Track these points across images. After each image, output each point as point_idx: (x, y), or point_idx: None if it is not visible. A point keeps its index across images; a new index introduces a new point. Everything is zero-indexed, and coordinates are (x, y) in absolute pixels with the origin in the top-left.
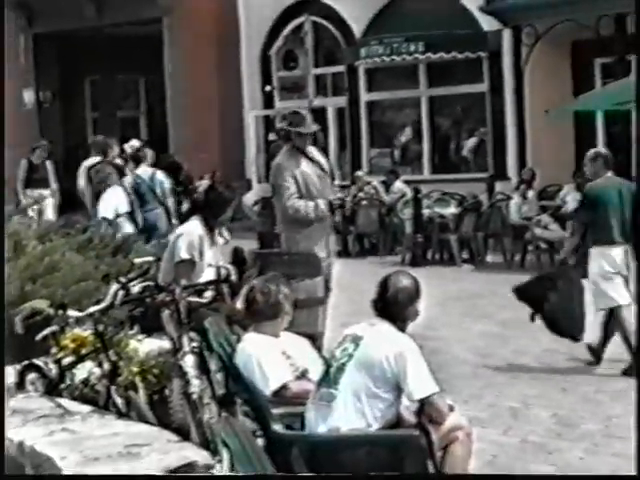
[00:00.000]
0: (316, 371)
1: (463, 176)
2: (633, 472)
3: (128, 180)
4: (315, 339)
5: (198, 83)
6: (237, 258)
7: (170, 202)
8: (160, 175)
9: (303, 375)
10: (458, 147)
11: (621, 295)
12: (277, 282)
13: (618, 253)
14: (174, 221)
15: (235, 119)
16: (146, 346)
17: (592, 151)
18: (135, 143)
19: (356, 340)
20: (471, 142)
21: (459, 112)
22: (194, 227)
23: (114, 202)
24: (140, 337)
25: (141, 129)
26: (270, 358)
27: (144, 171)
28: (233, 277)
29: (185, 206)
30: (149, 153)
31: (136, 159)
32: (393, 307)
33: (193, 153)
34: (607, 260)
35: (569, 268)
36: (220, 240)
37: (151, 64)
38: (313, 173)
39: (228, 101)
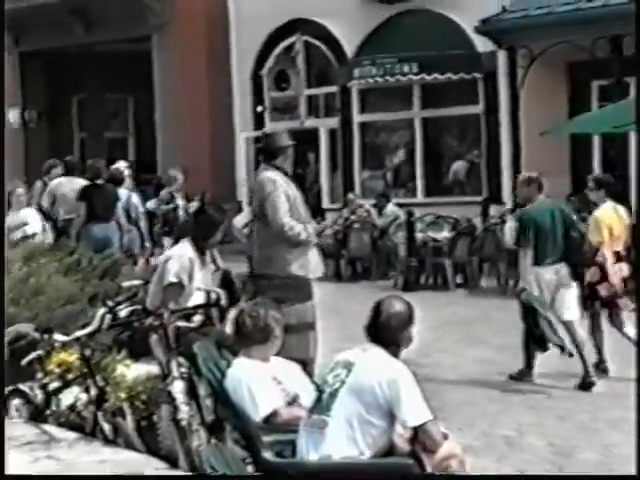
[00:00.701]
0: (307, 397)
1: (457, 199)
2: (633, 472)
3: None
4: (306, 365)
5: (188, 103)
6: (227, 281)
7: (143, 225)
8: (135, 198)
9: (294, 401)
10: (451, 170)
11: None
12: (266, 306)
13: (551, 274)
14: (147, 244)
15: (226, 140)
16: (134, 371)
17: (525, 175)
18: (122, 165)
19: (348, 366)
20: (457, 166)
21: (453, 134)
22: (183, 250)
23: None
24: (128, 362)
25: (129, 150)
26: (260, 383)
27: (121, 193)
28: (223, 301)
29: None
30: (127, 173)
31: (115, 181)
32: (386, 332)
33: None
34: (540, 281)
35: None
36: (211, 266)
37: (140, 83)
38: (298, 195)
39: (219, 121)
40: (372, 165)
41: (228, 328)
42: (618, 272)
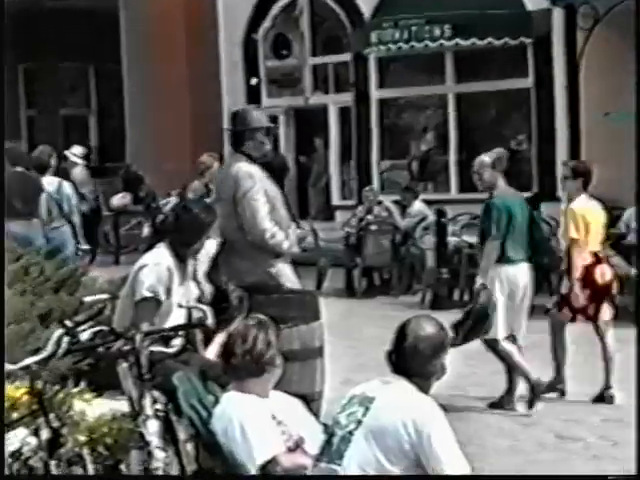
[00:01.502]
0: (314, 441)
1: None
2: (633, 472)
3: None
4: (312, 400)
5: (164, 73)
6: (218, 297)
7: (76, 219)
8: (67, 187)
9: (298, 446)
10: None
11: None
12: (262, 328)
13: (522, 272)
14: (82, 243)
15: (211, 120)
16: (96, 408)
17: (489, 156)
18: (78, 150)
19: (365, 402)
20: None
21: (496, 114)
22: (160, 257)
23: None
24: (89, 397)
25: (91, 131)
26: (256, 424)
27: (49, 182)
28: (209, 321)
29: (147, 229)
30: (80, 162)
31: (39, 167)
32: (413, 361)
33: (157, 162)
34: (510, 281)
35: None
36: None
37: (104, 49)
38: (278, 193)
39: (202, 97)
40: (394, 152)
41: (215, 355)
42: (600, 276)
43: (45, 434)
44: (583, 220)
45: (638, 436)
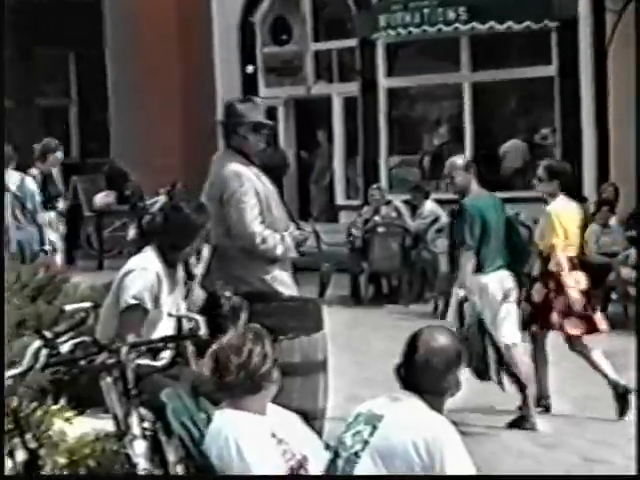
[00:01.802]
0: (317, 459)
1: (519, 194)
2: (633, 472)
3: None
4: (313, 418)
5: (152, 60)
6: (211, 305)
7: (41, 219)
8: (30, 183)
9: (301, 466)
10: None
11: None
12: (258, 340)
13: (496, 284)
14: (47, 245)
15: (203, 112)
16: (78, 427)
17: (462, 158)
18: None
19: (373, 421)
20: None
21: (516, 105)
22: (147, 262)
23: None
24: (70, 414)
25: (71, 123)
26: (255, 443)
27: (10, 177)
28: (202, 331)
29: (133, 231)
30: (59, 157)
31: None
32: (424, 376)
33: (144, 157)
34: (483, 293)
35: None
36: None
37: (86, 33)
38: (273, 191)
39: (194, 86)
40: (404, 147)
41: (208, 369)
42: (576, 284)
43: (21, 456)
44: (562, 224)
45: (638, 436)
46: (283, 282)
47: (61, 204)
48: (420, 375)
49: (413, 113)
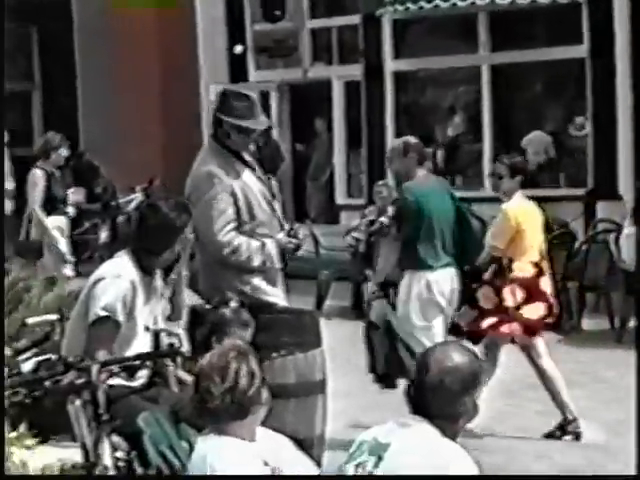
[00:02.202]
0: None
1: (545, 192)
2: (633, 472)
3: None
4: (310, 446)
5: (127, 39)
6: (195, 318)
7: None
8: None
9: None
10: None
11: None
12: (243, 358)
13: (448, 281)
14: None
15: (185, 99)
16: (40, 458)
17: (400, 142)
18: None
19: (378, 450)
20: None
21: (541, 91)
22: (121, 268)
23: None
24: (31, 443)
25: (33, 109)
26: (245, 473)
27: None
28: (184, 348)
29: (104, 234)
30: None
31: None
32: (437, 398)
33: (118, 149)
34: (430, 290)
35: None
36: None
37: (50, 5)
38: (259, 191)
39: (175, 70)
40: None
41: (190, 391)
42: (544, 289)
43: None
44: (520, 225)
45: (638, 436)
46: (267, 294)
47: (70, 209)
48: (432, 397)
49: (424, 100)
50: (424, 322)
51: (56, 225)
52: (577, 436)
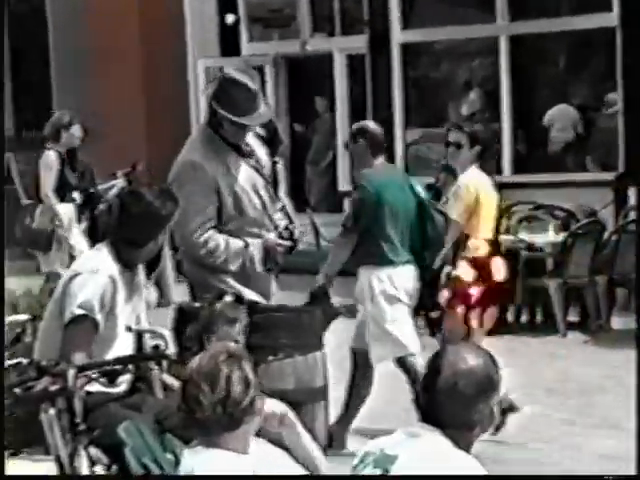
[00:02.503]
0: None
1: (570, 177)
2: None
3: None
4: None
5: (105, 8)
6: (182, 317)
7: None
8: None
9: None
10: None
11: (409, 340)
12: (235, 362)
13: (410, 278)
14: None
15: (172, 74)
16: (13, 471)
17: (355, 125)
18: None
19: (385, 463)
20: (555, 116)
21: (566, 64)
22: (100, 262)
23: None
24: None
25: (4, 88)
26: None
27: None
28: (170, 350)
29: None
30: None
31: None
32: (449, 405)
33: (96, 130)
34: (392, 286)
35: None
36: (152, 292)
37: None
38: (250, 185)
39: (159, 41)
40: (425, 118)
41: (176, 398)
42: (496, 271)
43: None
44: (478, 199)
45: (638, 436)
46: (248, 294)
47: (76, 195)
48: (444, 404)
49: (435, 75)
50: (392, 317)
51: (65, 214)
52: None
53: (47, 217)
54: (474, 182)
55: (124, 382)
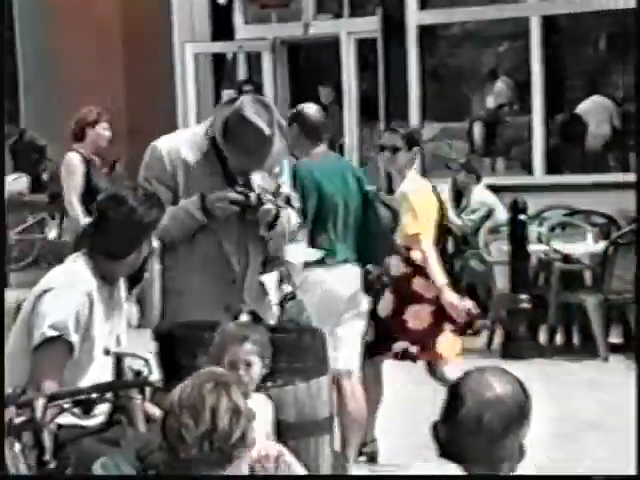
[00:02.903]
0: None
1: (611, 178)
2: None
3: None
4: None
5: None
6: (169, 340)
7: None
8: None
9: None
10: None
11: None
12: (223, 389)
13: (345, 278)
14: None
15: (156, 61)
16: None
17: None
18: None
19: None
20: (589, 108)
21: (606, 49)
22: (74, 275)
23: None
24: None
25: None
26: None
27: None
28: (154, 377)
29: (54, 232)
30: None
31: None
32: (473, 439)
33: (68, 125)
34: (326, 289)
35: None
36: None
37: None
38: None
39: (142, 23)
40: (444, 111)
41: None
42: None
43: None
44: (422, 208)
45: (638, 436)
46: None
47: None
48: (467, 438)
49: (457, 62)
50: (336, 318)
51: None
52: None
53: (72, 228)
54: (414, 190)
55: (101, 413)
